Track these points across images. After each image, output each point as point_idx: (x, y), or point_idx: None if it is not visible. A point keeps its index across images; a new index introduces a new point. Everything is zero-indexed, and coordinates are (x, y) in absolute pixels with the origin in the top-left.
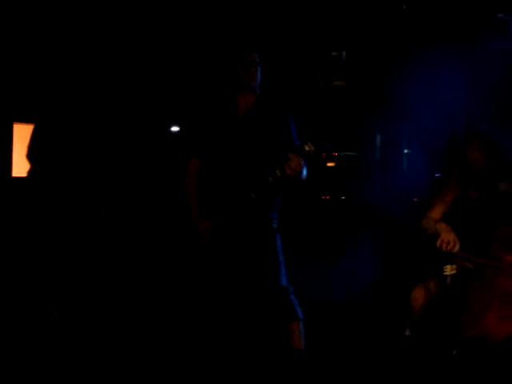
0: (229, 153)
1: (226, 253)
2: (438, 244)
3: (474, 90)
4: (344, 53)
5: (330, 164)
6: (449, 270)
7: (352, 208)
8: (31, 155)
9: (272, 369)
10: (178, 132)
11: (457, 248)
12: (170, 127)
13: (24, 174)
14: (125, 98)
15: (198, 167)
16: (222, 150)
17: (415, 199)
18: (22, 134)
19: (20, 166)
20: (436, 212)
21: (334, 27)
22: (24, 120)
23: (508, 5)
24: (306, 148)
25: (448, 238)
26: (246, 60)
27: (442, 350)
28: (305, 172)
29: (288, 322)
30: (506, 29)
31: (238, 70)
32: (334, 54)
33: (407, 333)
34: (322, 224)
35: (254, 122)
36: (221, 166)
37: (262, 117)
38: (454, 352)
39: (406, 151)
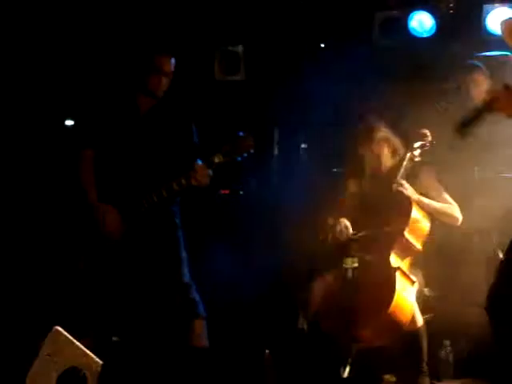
0: (128, 150)
1: (128, 248)
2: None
3: (372, 87)
4: (241, 47)
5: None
6: (349, 263)
7: (250, 202)
8: None
9: (174, 366)
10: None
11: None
12: (65, 121)
13: None
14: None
15: (92, 159)
16: (121, 146)
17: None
18: None
19: None
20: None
21: (230, 21)
22: None
23: (400, 2)
24: (216, 160)
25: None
26: (157, 68)
27: (342, 344)
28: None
29: (190, 320)
30: (403, 24)
31: (145, 77)
32: (230, 48)
33: (304, 327)
34: (220, 218)
35: (157, 121)
36: (119, 163)
37: (164, 117)
38: (355, 345)
39: (303, 146)
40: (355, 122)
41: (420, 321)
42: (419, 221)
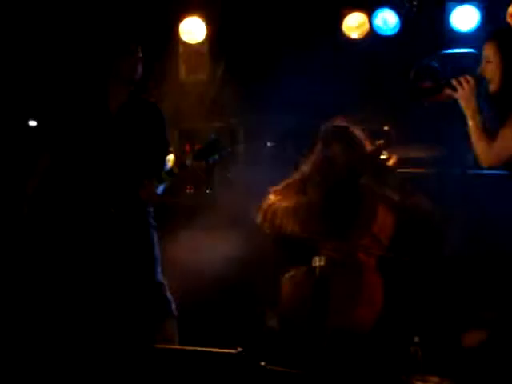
0: (97, 152)
1: (100, 248)
2: None
3: (339, 83)
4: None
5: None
6: (317, 261)
7: (217, 201)
8: None
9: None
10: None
11: None
12: (28, 121)
13: None
14: None
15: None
16: (92, 147)
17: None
18: None
19: None
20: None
21: None
22: None
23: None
24: (187, 162)
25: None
26: (132, 51)
27: (311, 342)
28: (161, 189)
29: (162, 319)
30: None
31: (121, 62)
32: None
33: (274, 324)
34: (188, 216)
35: (129, 119)
36: (90, 165)
37: (136, 114)
38: (325, 342)
39: (268, 144)
40: (320, 122)
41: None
42: (385, 218)
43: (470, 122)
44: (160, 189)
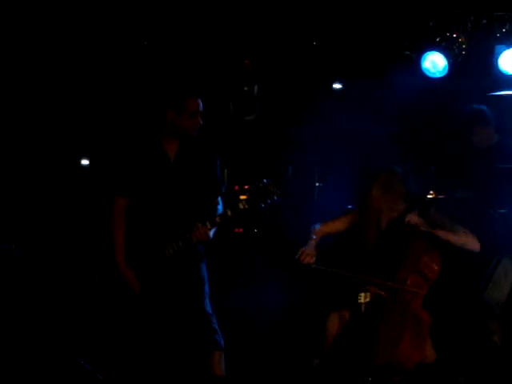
0: (162, 197)
1: (153, 289)
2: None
3: (385, 124)
4: (256, 87)
5: (243, 197)
6: (363, 297)
7: (265, 240)
8: None
9: None
10: (89, 165)
11: (311, 260)
12: (80, 160)
13: None
14: (33, 128)
15: (124, 208)
16: (155, 193)
17: None
18: None
19: None
20: (326, 226)
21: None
22: None
23: (413, 43)
24: (241, 206)
25: (306, 251)
26: (186, 108)
27: (356, 379)
28: (212, 234)
29: (211, 351)
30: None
31: (181, 117)
32: (246, 88)
33: (316, 362)
34: (236, 256)
35: (186, 167)
36: (152, 210)
37: (192, 162)
38: (370, 379)
39: (317, 184)
40: (371, 163)
41: (434, 354)
42: (431, 261)
43: None
44: (212, 231)
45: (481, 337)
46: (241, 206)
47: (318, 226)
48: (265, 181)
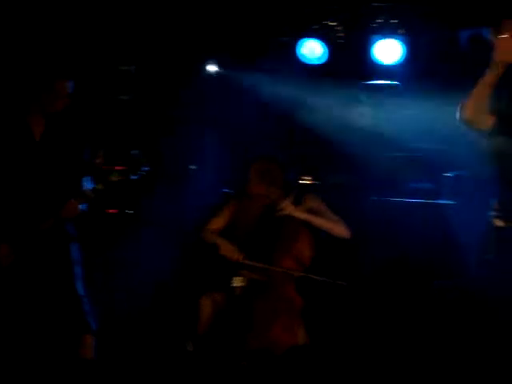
0: (28, 175)
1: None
2: (222, 254)
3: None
4: (133, 67)
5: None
6: (237, 281)
7: (140, 222)
8: None
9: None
10: None
11: (241, 258)
12: None
13: None
14: None
15: None
16: (20, 171)
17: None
18: None
19: None
20: (214, 224)
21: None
22: None
23: (291, 29)
24: (113, 178)
25: (229, 250)
26: (52, 87)
27: (230, 363)
28: (84, 207)
29: (81, 334)
30: (291, 51)
31: (41, 96)
32: (123, 67)
33: (190, 347)
34: (108, 237)
35: (52, 145)
36: (19, 187)
37: (58, 140)
38: (244, 363)
39: (192, 167)
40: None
41: (305, 337)
42: (305, 241)
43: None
44: (83, 207)
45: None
46: (112, 179)
47: (210, 228)
48: (135, 152)
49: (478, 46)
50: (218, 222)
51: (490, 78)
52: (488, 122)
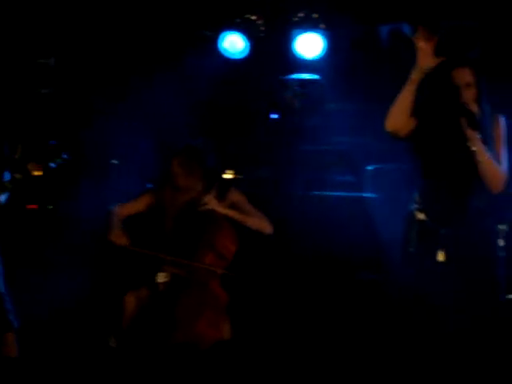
0: None
1: None
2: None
3: (185, 105)
4: (53, 59)
5: (37, 173)
6: (161, 277)
7: (60, 218)
8: None
9: None
10: None
11: (127, 243)
12: None
13: None
14: None
15: None
16: None
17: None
18: None
19: None
20: (124, 209)
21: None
22: None
23: (213, 22)
24: (30, 167)
25: (116, 235)
26: None
27: (155, 358)
28: (3, 198)
29: (3, 332)
30: (213, 45)
31: None
32: (42, 61)
33: (112, 343)
34: (26, 233)
35: None
36: None
37: None
38: (167, 358)
39: (113, 161)
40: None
41: (230, 332)
42: (228, 236)
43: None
44: (2, 198)
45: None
46: (30, 168)
47: (116, 208)
48: (52, 142)
49: (397, 41)
50: (127, 208)
51: (411, 84)
52: (411, 125)
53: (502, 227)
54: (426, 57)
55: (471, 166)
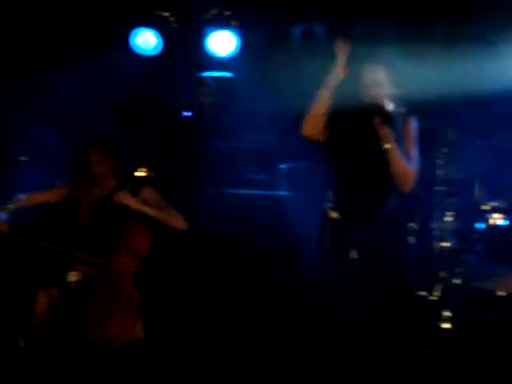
0: None
1: None
2: None
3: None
4: None
5: None
6: (72, 276)
7: None
8: None
9: None
10: None
11: (6, 230)
12: None
13: None
14: None
15: None
16: None
17: None
18: None
19: None
20: (28, 197)
21: None
22: None
23: (126, 18)
24: None
25: None
26: None
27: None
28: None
29: None
30: (125, 40)
31: None
32: None
33: (22, 342)
34: None
35: None
36: None
37: None
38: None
39: (22, 158)
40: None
41: (143, 332)
42: (141, 234)
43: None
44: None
45: None
46: None
47: (22, 196)
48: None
49: (310, 41)
50: (36, 196)
51: (327, 90)
52: (327, 132)
53: (412, 225)
54: (345, 67)
55: (383, 167)
